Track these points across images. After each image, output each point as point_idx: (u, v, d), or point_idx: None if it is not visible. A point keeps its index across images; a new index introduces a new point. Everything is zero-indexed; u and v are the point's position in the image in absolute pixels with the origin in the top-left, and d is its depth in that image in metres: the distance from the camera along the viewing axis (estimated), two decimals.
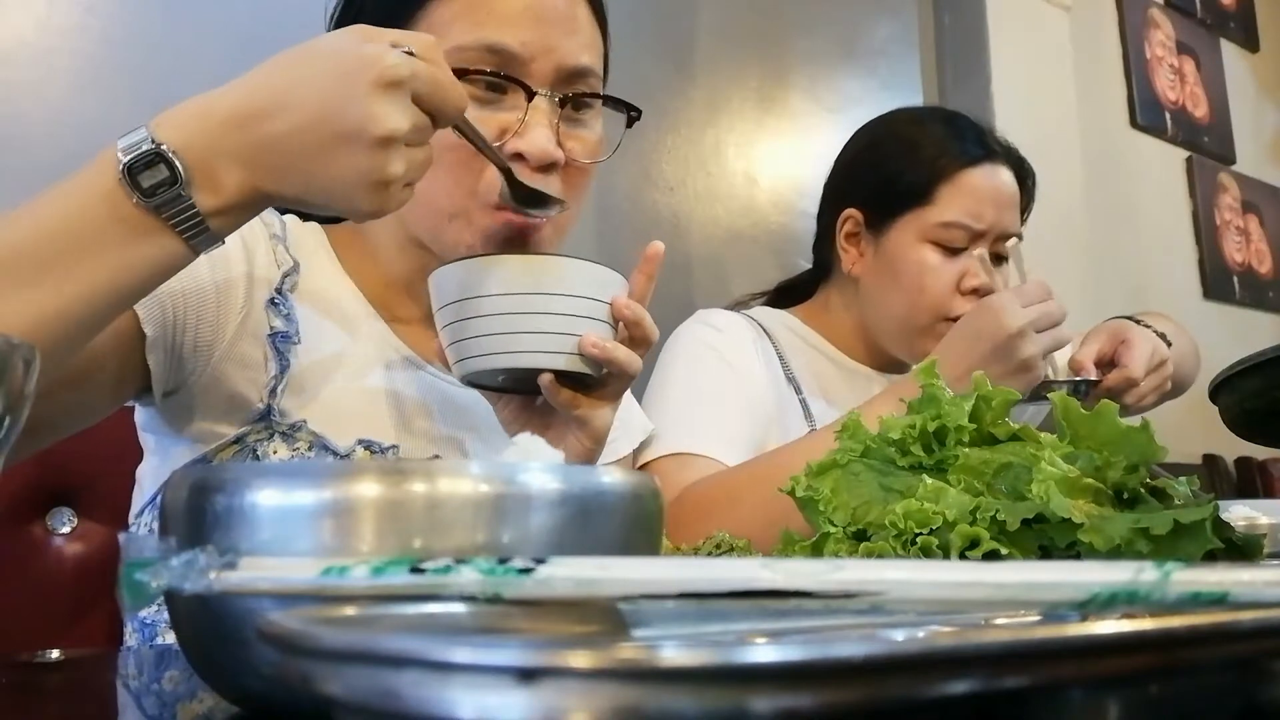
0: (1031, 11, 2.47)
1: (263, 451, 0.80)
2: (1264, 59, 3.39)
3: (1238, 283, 3.05)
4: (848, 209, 1.28)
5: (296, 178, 0.60)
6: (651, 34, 1.88)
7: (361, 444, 0.81)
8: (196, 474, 0.40)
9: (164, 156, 0.59)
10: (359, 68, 0.59)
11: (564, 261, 0.73)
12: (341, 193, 0.61)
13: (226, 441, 0.80)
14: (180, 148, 0.59)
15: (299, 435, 0.80)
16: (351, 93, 0.59)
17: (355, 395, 0.83)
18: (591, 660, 0.21)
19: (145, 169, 0.59)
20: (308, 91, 0.60)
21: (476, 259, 0.73)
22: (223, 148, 0.59)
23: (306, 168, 0.60)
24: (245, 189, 0.60)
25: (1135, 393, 1.15)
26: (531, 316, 0.71)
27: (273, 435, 0.79)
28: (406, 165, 0.61)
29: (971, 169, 1.21)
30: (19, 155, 1.21)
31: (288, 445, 0.79)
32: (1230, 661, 0.28)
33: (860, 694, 0.22)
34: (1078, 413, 0.56)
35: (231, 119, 0.60)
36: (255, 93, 0.61)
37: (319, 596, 0.31)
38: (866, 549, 0.53)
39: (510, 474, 0.38)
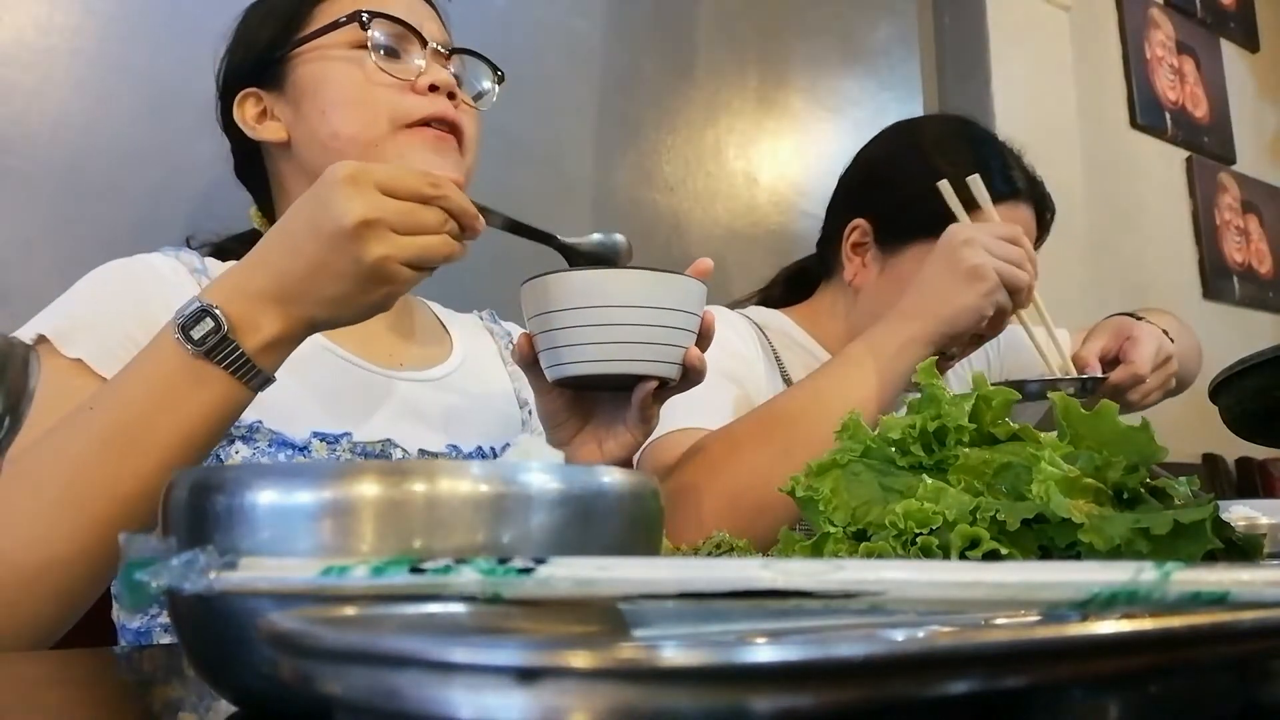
0: (1031, 11, 2.47)
1: (224, 455, 0.84)
2: (1264, 59, 3.39)
3: (1238, 283, 3.05)
4: (858, 218, 1.25)
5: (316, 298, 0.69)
6: (651, 34, 1.88)
7: (315, 435, 0.87)
8: (196, 474, 0.40)
9: (208, 311, 0.68)
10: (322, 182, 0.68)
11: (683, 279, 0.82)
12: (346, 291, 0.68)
13: None
14: (220, 302, 0.68)
15: (257, 435, 0.85)
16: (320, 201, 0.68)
17: (301, 393, 0.88)
18: (591, 660, 0.21)
19: (194, 324, 0.68)
20: (298, 221, 0.69)
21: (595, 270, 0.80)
22: (253, 292, 0.69)
23: (319, 287, 0.68)
24: (281, 323, 0.69)
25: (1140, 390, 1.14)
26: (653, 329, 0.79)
27: (233, 440, 0.84)
28: (392, 247, 0.67)
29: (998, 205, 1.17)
30: (19, 155, 1.21)
31: (248, 445, 0.85)
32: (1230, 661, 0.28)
33: (860, 694, 0.22)
34: (1078, 413, 0.56)
35: (255, 265, 0.71)
36: (270, 238, 0.71)
37: (319, 596, 0.31)
38: (866, 549, 0.53)
39: (510, 474, 0.38)
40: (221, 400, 0.69)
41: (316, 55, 0.95)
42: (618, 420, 0.85)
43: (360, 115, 0.91)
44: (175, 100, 1.30)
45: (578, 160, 1.71)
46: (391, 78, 0.92)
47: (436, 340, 1.06)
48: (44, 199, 1.22)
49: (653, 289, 0.79)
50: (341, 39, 0.94)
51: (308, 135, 0.94)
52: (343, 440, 0.87)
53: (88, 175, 1.24)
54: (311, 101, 0.94)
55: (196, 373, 0.68)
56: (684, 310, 0.81)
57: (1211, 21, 3.20)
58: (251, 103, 0.98)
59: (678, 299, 0.80)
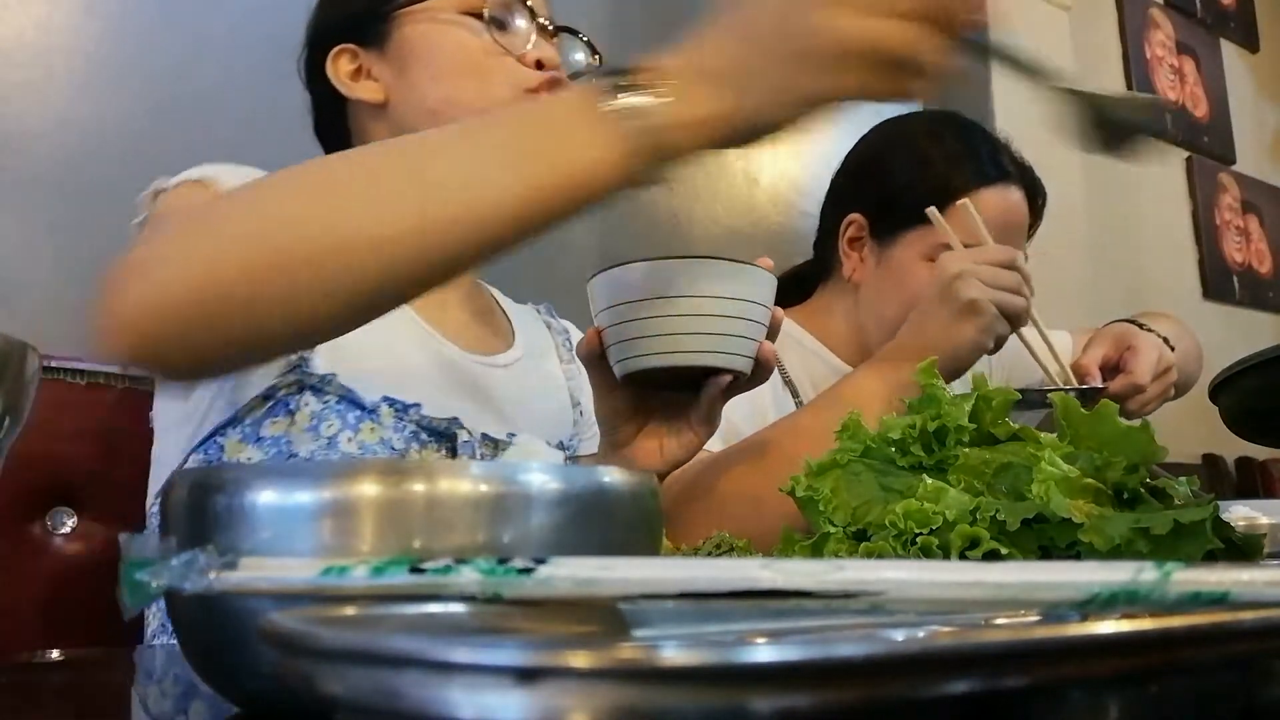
0: (1031, 11, 2.47)
1: (295, 405, 0.83)
2: (1264, 59, 3.39)
3: (1238, 283, 3.05)
4: (852, 214, 1.26)
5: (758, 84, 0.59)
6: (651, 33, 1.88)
7: (386, 400, 0.85)
8: (196, 474, 0.40)
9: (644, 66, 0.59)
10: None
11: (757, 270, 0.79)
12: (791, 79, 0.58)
13: (256, 398, 0.83)
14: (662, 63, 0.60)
15: (329, 388, 0.83)
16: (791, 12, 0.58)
17: (380, 354, 0.87)
18: (591, 660, 0.21)
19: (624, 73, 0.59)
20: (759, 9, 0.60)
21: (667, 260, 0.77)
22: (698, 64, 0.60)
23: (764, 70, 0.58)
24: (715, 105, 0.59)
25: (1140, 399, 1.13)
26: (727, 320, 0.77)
27: (303, 389, 0.83)
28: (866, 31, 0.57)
29: (982, 190, 1.19)
30: (19, 155, 1.21)
31: (318, 398, 0.83)
32: (1230, 661, 0.28)
33: (860, 694, 0.22)
34: (1078, 413, 0.56)
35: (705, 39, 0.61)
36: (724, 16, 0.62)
37: (319, 596, 0.31)
38: (866, 549, 0.53)
39: (510, 474, 0.38)
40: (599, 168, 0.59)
41: (425, 17, 0.93)
42: (679, 420, 0.83)
43: (476, 83, 0.91)
44: (175, 100, 1.30)
45: None
46: (503, 50, 0.92)
47: (501, 327, 1.05)
48: (44, 199, 1.22)
49: (728, 280, 0.77)
50: (451, 2, 0.93)
51: (413, 99, 0.93)
52: (412, 411, 0.86)
53: (88, 175, 1.24)
54: (421, 66, 0.93)
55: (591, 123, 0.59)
56: (758, 302, 0.78)
57: (1211, 21, 3.20)
58: (346, 59, 0.96)
59: (752, 290, 0.78)
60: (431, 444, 0.87)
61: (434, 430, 0.87)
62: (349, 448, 0.82)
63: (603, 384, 0.82)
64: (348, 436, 0.83)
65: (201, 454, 0.85)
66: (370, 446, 0.83)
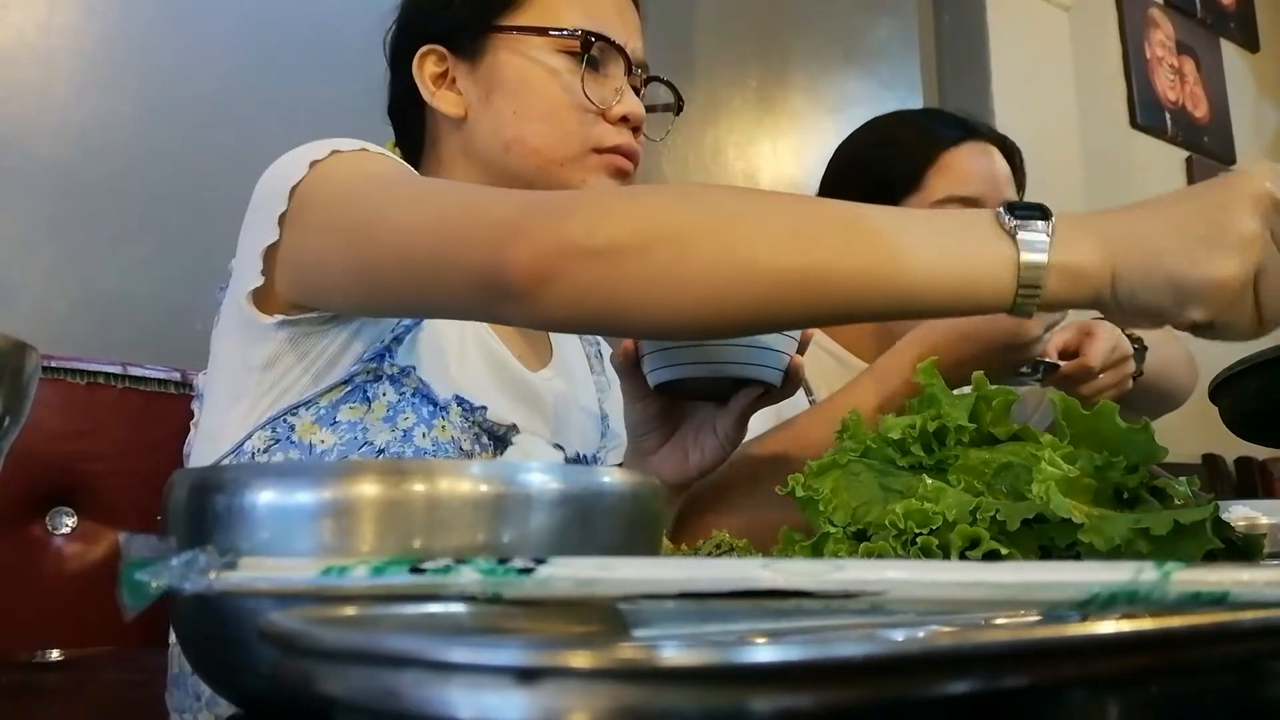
0: (1031, 11, 2.47)
1: (373, 393, 0.83)
2: (1264, 59, 3.39)
3: None
4: None
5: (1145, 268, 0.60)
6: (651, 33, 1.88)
7: (457, 399, 0.86)
8: (196, 474, 0.40)
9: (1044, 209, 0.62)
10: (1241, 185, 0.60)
11: None
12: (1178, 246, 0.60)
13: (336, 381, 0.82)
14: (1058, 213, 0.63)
15: (406, 380, 0.84)
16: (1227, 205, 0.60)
17: (455, 355, 0.88)
18: (591, 660, 0.21)
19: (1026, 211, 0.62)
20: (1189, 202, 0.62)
21: None
22: (1093, 225, 0.62)
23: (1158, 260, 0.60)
24: (1095, 263, 0.61)
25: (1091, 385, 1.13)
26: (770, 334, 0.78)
27: (381, 378, 0.83)
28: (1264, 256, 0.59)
29: (953, 149, 1.22)
30: (20, 156, 1.21)
31: (395, 389, 0.83)
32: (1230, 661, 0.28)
33: (860, 694, 0.22)
34: (1078, 413, 0.56)
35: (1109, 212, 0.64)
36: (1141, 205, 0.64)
37: (319, 596, 0.31)
38: (866, 549, 0.53)
39: (510, 474, 0.39)
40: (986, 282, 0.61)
41: (521, 48, 0.92)
42: (706, 430, 0.84)
43: (553, 134, 0.91)
44: (175, 100, 1.30)
45: None
46: (590, 103, 0.91)
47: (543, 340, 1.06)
48: (44, 199, 1.22)
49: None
50: (553, 41, 0.92)
51: (490, 127, 0.93)
52: (479, 413, 0.87)
53: (88, 175, 1.24)
54: (507, 98, 0.92)
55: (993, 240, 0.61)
56: None
57: (1211, 21, 3.20)
58: (434, 61, 0.94)
59: None
60: (491, 448, 0.87)
61: (494, 435, 0.88)
62: (423, 443, 0.83)
63: (634, 392, 0.84)
64: (423, 431, 0.83)
65: (269, 430, 0.83)
66: (442, 443, 0.84)
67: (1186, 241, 0.60)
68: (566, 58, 0.91)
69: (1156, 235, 0.61)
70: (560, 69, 0.91)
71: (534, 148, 0.90)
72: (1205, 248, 0.59)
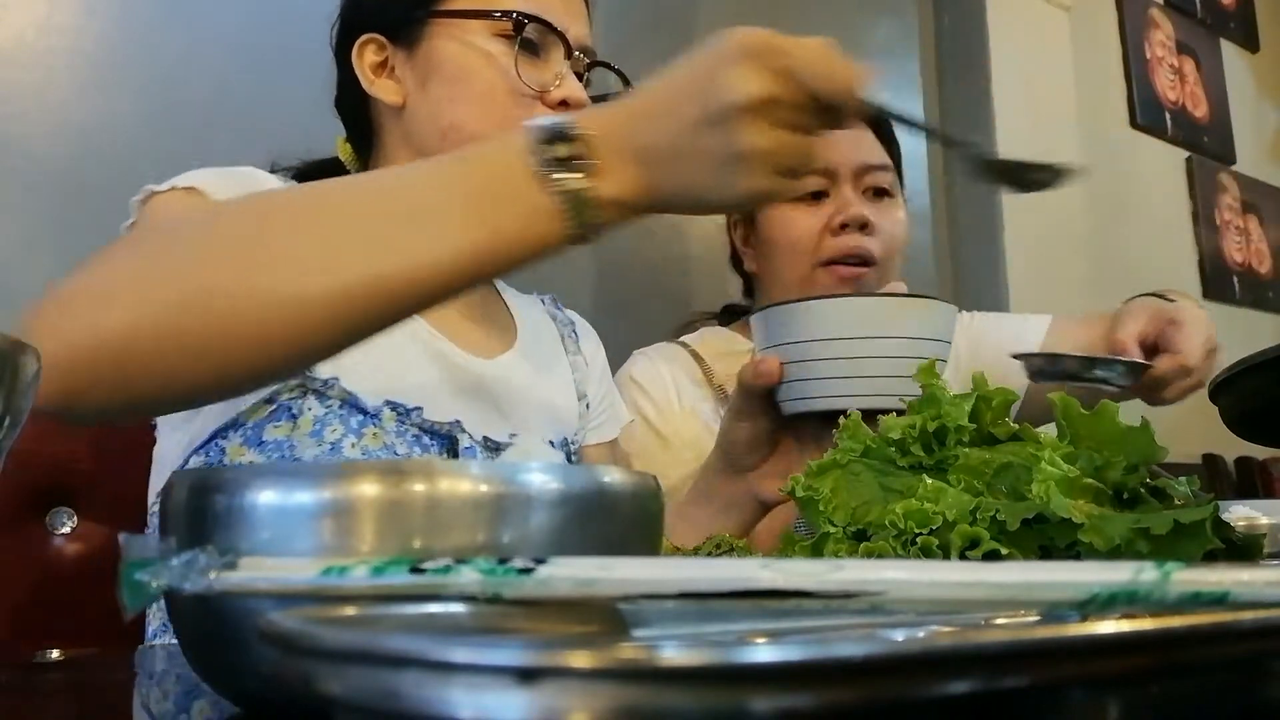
0: (1031, 11, 2.47)
1: (297, 409, 0.82)
2: (1264, 59, 3.39)
3: (1238, 283, 3.05)
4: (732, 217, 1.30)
5: (678, 167, 0.62)
6: (652, 33, 1.88)
7: (388, 404, 0.85)
8: (196, 474, 0.40)
9: (575, 134, 0.61)
10: (721, 45, 0.61)
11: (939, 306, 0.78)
12: (712, 175, 0.61)
13: (260, 401, 0.82)
14: (590, 133, 0.61)
15: (331, 392, 0.83)
16: (713, 68, 0.60)
17: (382, 356, 0.85)
18: (591, 660, 0.21)
19: (555, 142, 0.61)
20: (681, 80, 0.62)
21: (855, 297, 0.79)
22: (622, 139, 0.62)
23: (684, 155, 0.61)
24: (636, 181, 0.62)
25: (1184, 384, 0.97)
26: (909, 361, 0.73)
27: (306, 393, 0.82)
28: (774, 143, 0.60)
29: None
30: (19, 156, 1.21)
31: (320, 402, 0.82)
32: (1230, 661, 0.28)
33: (860, 694, 0.22)
34: (1078, 413, 0.56)
35: (627, 113, 0.64)
36: (652, 90, 0.64)
37: (319, 596, 0.31)
38: (866, 549, 0.53)
39: (510, 474, 0.39)
40: (534, 233, 0.61)
41: (458, 33, 0.91)
42: (809, 451, 0.82)
43: (489, 118, 0.89)
44: (175, 100, 1.30)
45: None
46: (526, 87, 0.89)
47: (503, 323, 1.04)
48: (44, 199, 1.22)
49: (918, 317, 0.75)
50: (488, 24, 0.90)
51: (427, 114, 0.91)
52: (414, 414, 0.86)
53: (88, 175, 1.24)
54: (443, 84, 0.90)
55: (526, 191, 0.60)
56: (938, 339, 0.76)
57: (1211, 21, 3.20)
58: (373, 50, 0.94)
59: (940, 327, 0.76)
60: (433, 448, 0.86)
61: (436, 433, 0.87)
62: (352, 453, 0.82)
63: (749, 409, 0.82)
64: (351, 441, 0.82)
65: (203, 455, 0.84)
66: (373, 451, 0.83)
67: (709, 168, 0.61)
68: (503, 41, 0.90)
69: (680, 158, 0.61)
70: (496, 53, 0.89)
71: (471, 133, 0.87)
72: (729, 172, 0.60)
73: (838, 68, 0.62)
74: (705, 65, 0.61)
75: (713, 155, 0.60)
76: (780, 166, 0.61)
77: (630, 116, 0.63)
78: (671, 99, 0.62)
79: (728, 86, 0.59)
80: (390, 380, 0.86)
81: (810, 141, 0.63)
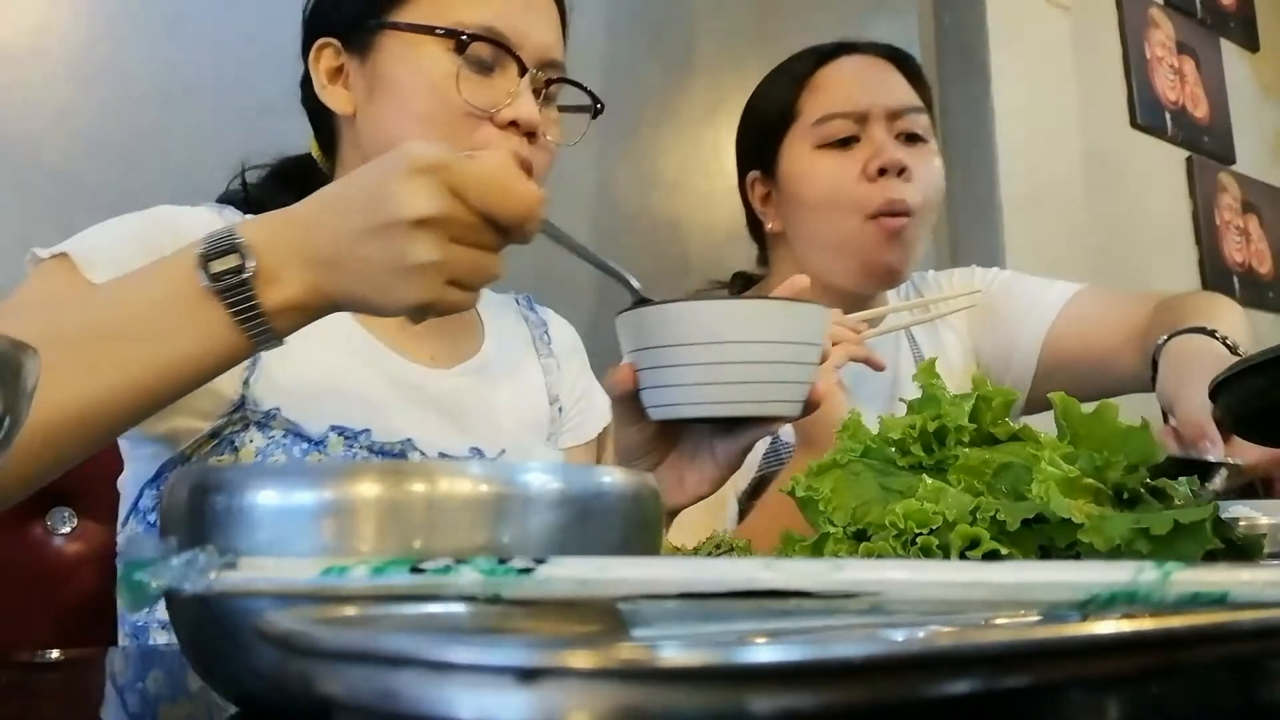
0: (1031, 11, 2.46)
1: (239, 442, 0.82)
2: (1264, 59, 3.39)
3: (1238, 283, 3.04)
4: (750, 173, 1.25)
5: (347, 274, 0.63)
6: (651, 34, 1.88)
7: (334, 429, 0.84)
8: (196, 474, 0.40)
9: (237, 247, 0.62)
10: (393, 159, 0.62)
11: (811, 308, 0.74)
12: (381, 285, 0.62)
13: (203, 436, 0.82)
14: (253, 243, 0.62)
15: (273, 424, 0.82)
16: (383, 181, 0.61)
17: (325, 382, 0.85)
18: (591, 660, 0.21)
19: (219, 256, 0.62)
20: (353, 189, 0.64)
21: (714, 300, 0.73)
22: (287, 246, 0.63)
23: (353, 263, 0.62)
24: (305, 287, 0.63)
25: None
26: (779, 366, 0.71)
27: (248, 425, 0.82)
28: (443, 256, 0.61)
29: (824, 66, 1.18)
30: (19, 156, 1.21)
31: (263, 434, 0.82)
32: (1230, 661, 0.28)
33: (860, 694, 0.22)
34: (1078, 413, 0.56)
35: (294, 221, 0.65)
36: (321, 196, 0.66)
37: (319, 596, 0.31)
38: (866, 549, 0.53)
39: (510, 474, 0.39)
40: (217, 346, 0.63)
41: (409, 44, 0.87)
42: (702, 453, 0.79)
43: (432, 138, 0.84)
44: (175, 100, 1.30)
45: (578, 160, 1.71)
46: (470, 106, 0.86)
47: (469, 330, 1.01)
48: (44, 199, 1.22)
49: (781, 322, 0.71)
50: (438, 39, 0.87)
51: (374, 127, 0.89)
52: (361, 437, 0.84)
53: (88, 175, 1.24)
54: (389, 97, 0.88)
55: (202, 307, 0.62)
56: (810, 343, 0.72)
57: (1211, 21, 3.20)
58: (329, 55, 0.91)
59: (807, 330, 0.72)
60: None
61: (386, 454, 0.85)
62: None
63: (627, 416, 0.80)
64: None
65: (154, 489, 0.85)
66: None
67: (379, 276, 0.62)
68: (454, 57, 0.86)
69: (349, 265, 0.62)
70: (446, 69, 0.86)
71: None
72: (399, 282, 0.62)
73: (512, 189, 0.62)
74: (378, 178, 0.62)
75: (381, 265, 0.61)
76: (452, 279, 0.62)
77: (298, 223, 0.64)
78: (342, 207, 0.63)
79: (397, 201, 0.60)
80: (335, 404, 0.85)
81: (486, 256, 0.63)
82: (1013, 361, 1.25)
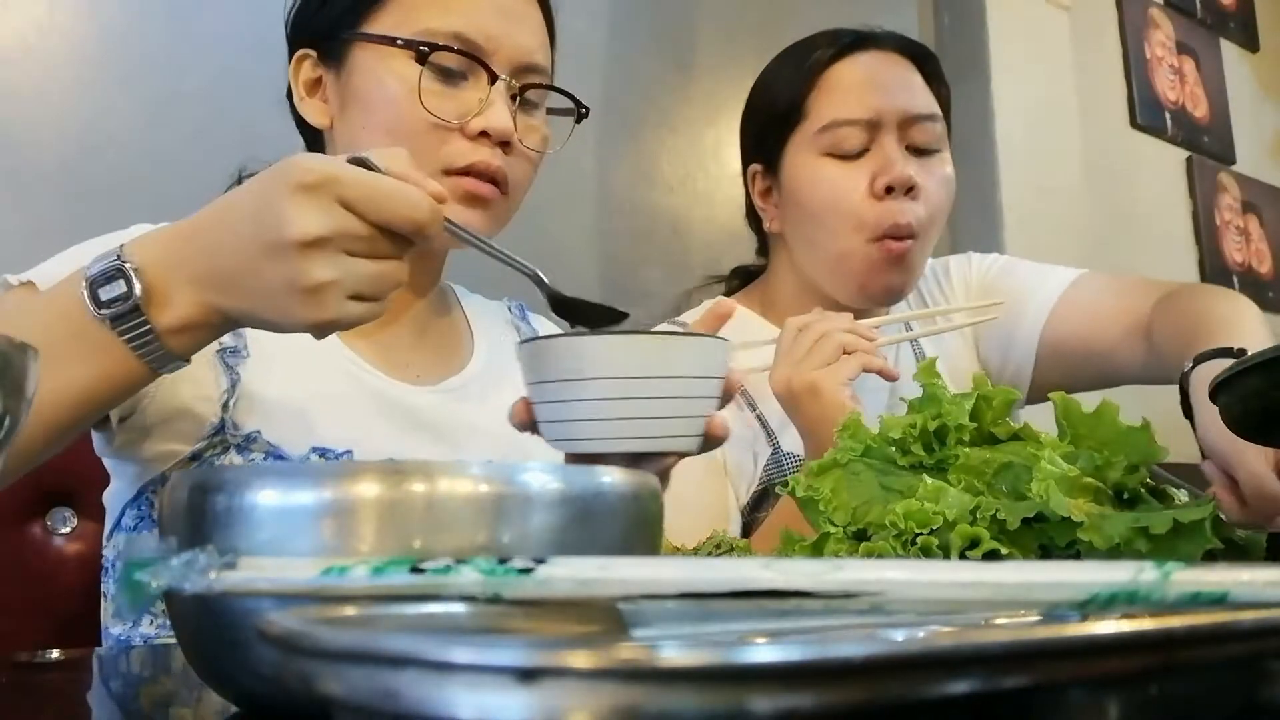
0: (1031, 11, 2.46)
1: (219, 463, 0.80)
2: (1264, 59, 3.39)
3: (1238, 283, 3.04)
4: (751, 166, 1.20)
5: (241, 293, 0.60)
6: (651, 34, 1.88)
7: (315, 451, 0.82)
8: (196, 474, 0.40)
9: (124, 272, 0.60)
10: (278, 174, 0.59)
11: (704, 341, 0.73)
12: (278, 305, 0.60)
13: (183, 459, 0.81)
14: (141, 265, 0.60)
15: (254, 446, 0.81)
16: (270, 199, 0.58)
17: (306, 403, 0.83)
18: (591, 660, 0.21)
19: (106, 284, 0.60)
20: (241, 205, 0.61)
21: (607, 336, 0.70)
22: (176, 265, 0.61)
23: (246, 282, 0.60)
24: (198, 307, 0.61)
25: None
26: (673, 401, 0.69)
27: (228, 449, 0.81)
28: (340, 273, 0.58)
29: (835, 64, 1.12)
30: (19, 156, 1.21)
31: (243, 457, 0.81)
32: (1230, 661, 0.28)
33: (860, 694, 0.22)
34: (1078, 412, 0.56)
35: (184, 237, 0.62)
36: (207, 212, 0.63)
37: (319, 596, 0.31)
38: (866, 549, 0.53)
39: (510, 474, 0.39)
40: (115, 372, 0.61)
41: (377, 55, 0.86)
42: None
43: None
44: (175, 100, 1.30)
45: (578, 160, 1.71)
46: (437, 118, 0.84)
47: (457, 342, 0.99)
48: (44, 199, 1.22)
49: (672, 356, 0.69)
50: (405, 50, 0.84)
51: (346, 141, 0.88)
52: (343, 459, 0.83)
53: (88, 175, 1.24)
54: (359, 111, 0.87)
55: (94, 336, 0.60)
56: (707, 376, 0.70)
57: (1211, 21, 3.20)
58: (308, 67, 0.90)
59: (700, 364, 0.70)
60: None
61: None
62: None
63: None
64: None
65: (135, 509, 0.85)
66: None
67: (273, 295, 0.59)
68: (419, 68, 0.84)
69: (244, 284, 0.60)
70: (409, 81, 0.84)
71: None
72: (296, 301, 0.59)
73: (404, 196, 0.59)
74: (263, 196, 0.59)
75: (277, 286, 0.59)
76: (354, 294, 0.60)
77: (186, 243, 0.62)
78: (229, 226, 0.61)
79: (283, 220, 0.57)
80: (317, 427, 0.83)
81: (387, 265, 0.61)
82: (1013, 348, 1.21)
